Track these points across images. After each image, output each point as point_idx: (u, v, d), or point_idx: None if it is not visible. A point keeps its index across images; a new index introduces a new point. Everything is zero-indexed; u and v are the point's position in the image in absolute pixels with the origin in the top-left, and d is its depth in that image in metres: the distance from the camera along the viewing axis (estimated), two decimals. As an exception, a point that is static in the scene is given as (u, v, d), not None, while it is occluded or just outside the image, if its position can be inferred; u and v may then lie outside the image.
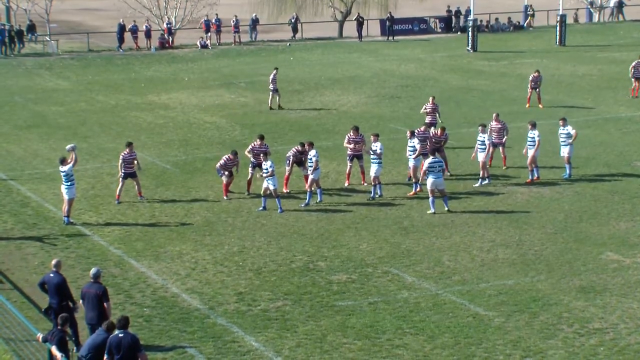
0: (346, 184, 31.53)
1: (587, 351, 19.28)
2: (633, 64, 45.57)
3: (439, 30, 75.87)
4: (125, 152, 29.88)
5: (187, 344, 19.80)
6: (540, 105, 43.45)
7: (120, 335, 16.61)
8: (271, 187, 28.72)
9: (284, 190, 30.41)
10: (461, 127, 38.09)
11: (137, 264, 24.58)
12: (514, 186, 31.15)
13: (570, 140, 31.68)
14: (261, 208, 28.94)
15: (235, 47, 68.75)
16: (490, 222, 27.64)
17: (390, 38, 71.60)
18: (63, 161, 27.93)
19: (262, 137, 30.99)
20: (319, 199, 29.38)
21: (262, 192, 29.05)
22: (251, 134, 38.35)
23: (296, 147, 30.81)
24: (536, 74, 44.17)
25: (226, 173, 30.14)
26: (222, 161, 30.22)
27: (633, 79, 45.56)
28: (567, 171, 31.90)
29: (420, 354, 19.27)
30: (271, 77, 45.00)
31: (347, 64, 59.21)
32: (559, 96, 47.16)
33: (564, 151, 31.93)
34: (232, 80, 53.67)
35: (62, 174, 27.74)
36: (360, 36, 71.22)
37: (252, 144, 30.83)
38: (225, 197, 30.20)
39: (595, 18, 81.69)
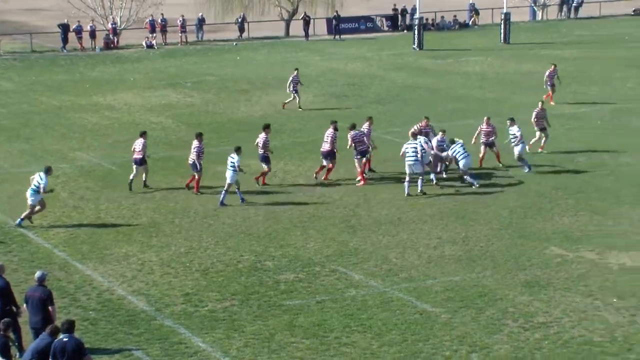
0: (320, 178, 31.88)
1: (532, 345, 19.48)
2: None
3: (386, 28, 76.19)
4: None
5: (133, 347, 19.65)
6: (551, 102, 43.37)
7: (65, 339, 16.42)
8: (228, 180, 29.11)
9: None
10: (408, 125, 38.10)
11: (83, 266, 24.34)
12: (460, 183, 31.34)
13: (517, 141, 32.12)
14: (240, 202, 29.25)
15: (181, 47, 68.43)
16: (437, 219, 27.80)
17: (337, 37, 71.71)
18: (48, 171, 27.69)
19: (266, 127, 31.54)
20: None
21: (235, 187, 29.41)
22: (198, 134, 38.24)
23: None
24: (552, 69, 44.10)
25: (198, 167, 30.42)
26: (194, 151, 30.29)
27: None
28: (526, 168, 32.35)
29: (367, 352, 19.32)
30: (291, 78, 44.69)
31: (294, 63, 58.99)
32: (503, 93, 47.62)
33: (515, 150, 32.33)
34: (179, 80, 53.38)
35: (36, 180, 27.31)
36: (307, 35, 71.26)
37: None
38: (196, 193, 30.37)
39: (539, 16, 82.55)
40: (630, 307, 21.29)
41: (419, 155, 29.90)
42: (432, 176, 31.13)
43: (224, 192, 29.31)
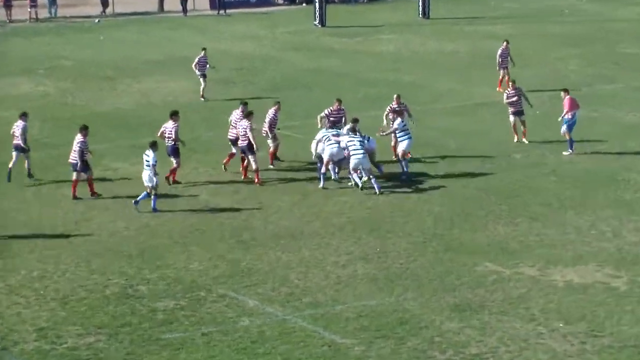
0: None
1: (464, 382, 19.60)
2: None
3: (281, 1, 76.35)
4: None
5: (-26, 396, 19.21)
6: (499, 89, 43.86)
7: None
8: (146, 182, 29.52)
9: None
10: (310, 118, 38.10)
11: None
12: (371, 187, 31.44)
13: (406, 135, 32.60)
14: (153, 210, 29.54)
15: (30, 24, 67.95)
16: (347, 231, 27.85)
17: (222, 12, 71.75)
18: None
19: (174, 114, 32.03)
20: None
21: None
22: (53, 129, 37.84)
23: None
24: (504, 46, 44.68)
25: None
26: (76, 148, 30.61)
27: None
28: (404, 168, 32.71)
29: (265, 395, 19.22)
30: (197, 60, 44.36)
31: (170, 43, 58.99)
32: (423, 77, 48.08)
33: (401, 146, 32.62)
34: (29, 65, 52.83)
35: None
36: (185, 10, 71.33)
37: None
38: (93, 197, 30.85)
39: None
40: (579, 332, 21.54)
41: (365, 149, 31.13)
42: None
43: (147, 194, 29.57)
